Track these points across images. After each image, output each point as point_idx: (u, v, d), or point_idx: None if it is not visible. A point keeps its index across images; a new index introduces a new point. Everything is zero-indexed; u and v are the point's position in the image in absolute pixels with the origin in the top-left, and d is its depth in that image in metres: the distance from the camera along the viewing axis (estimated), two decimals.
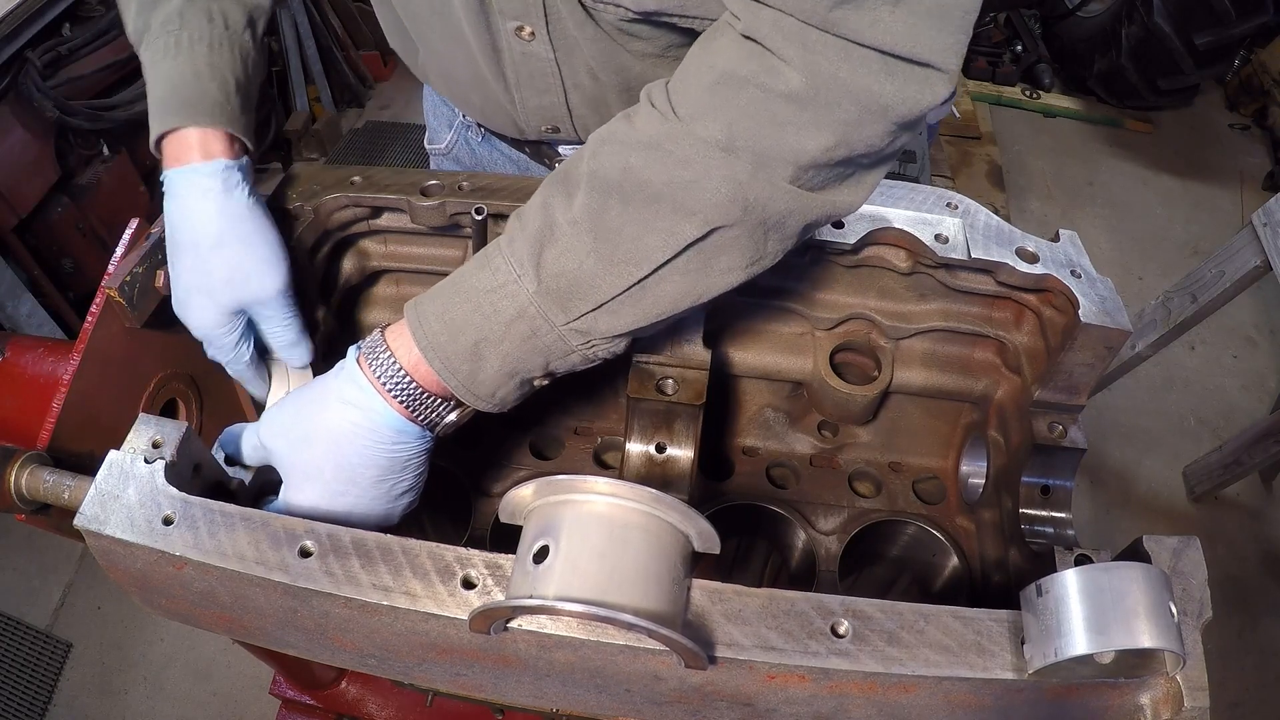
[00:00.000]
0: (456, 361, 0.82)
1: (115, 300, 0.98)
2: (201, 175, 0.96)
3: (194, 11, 1.00)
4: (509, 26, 1.04)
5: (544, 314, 0.80)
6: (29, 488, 0.87)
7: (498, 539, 1.17)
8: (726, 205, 0.75)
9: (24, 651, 2.68)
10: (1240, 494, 3.23)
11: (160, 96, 0.99)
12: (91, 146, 2.88)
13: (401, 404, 0.85)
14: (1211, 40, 4.22)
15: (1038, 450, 1.02)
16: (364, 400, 0.85)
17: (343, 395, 0.86)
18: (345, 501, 0.88)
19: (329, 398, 0.87)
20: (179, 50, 0.98)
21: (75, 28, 2.70)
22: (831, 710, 0.78)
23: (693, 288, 0.81)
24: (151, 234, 1.02)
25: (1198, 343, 3.69)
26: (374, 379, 0.85)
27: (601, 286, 0.79)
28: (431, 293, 0.85)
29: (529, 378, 0.86)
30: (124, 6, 1.05)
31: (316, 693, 1.72)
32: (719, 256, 0.79)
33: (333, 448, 0.86)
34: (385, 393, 0.85)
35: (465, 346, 0.82)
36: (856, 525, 1.20)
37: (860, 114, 0.73)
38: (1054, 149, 4.76)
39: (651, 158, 0.76)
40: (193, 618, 0.89)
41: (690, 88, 0.77)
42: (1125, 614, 0.66)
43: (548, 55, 1.07)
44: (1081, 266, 1.00)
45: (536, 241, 0.80)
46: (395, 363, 0.84)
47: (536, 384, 0.88)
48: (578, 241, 0.78)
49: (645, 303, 0.80)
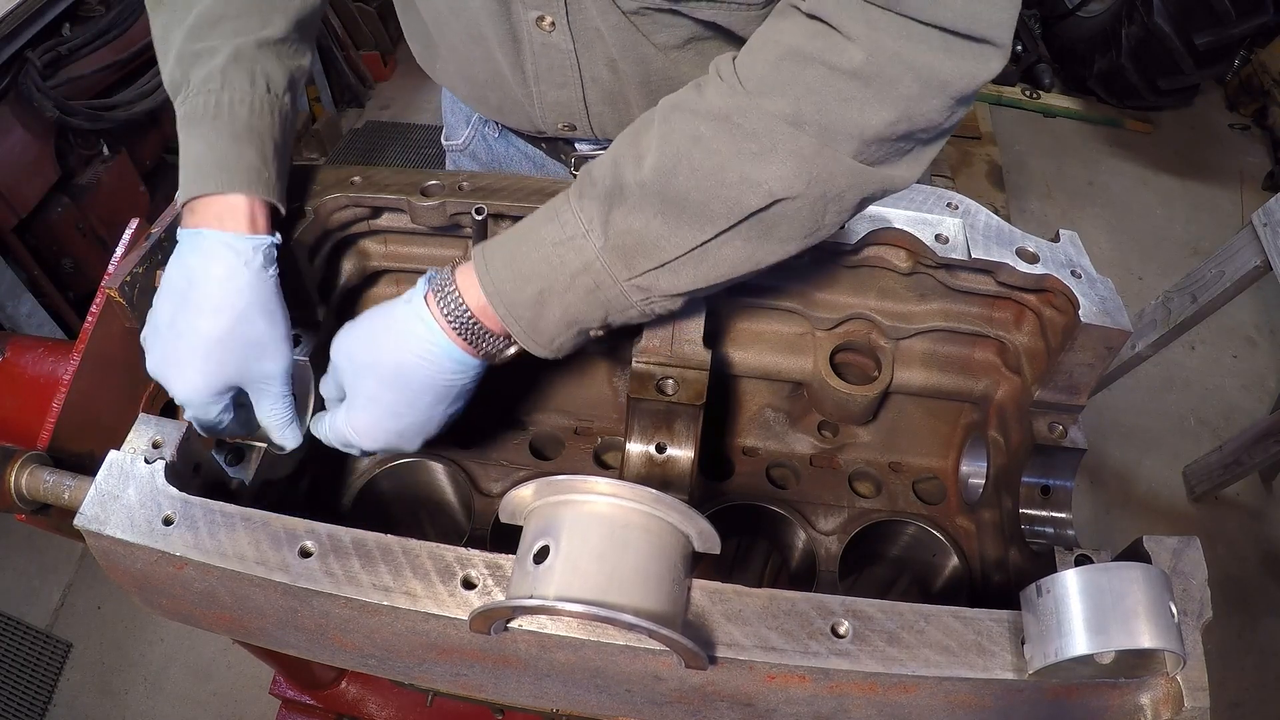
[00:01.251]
0: (520, 308, 0.86)
1: (115, 300, 0.98)
2: (239, 245, 0.94)
3: (237, 72, 0.97)
4: (530, 17, 1.05)
5: (608, 269, 0.84)
6: (29, 488, 0.87)
7: (498, 539, 1.17)
8: (791, 178, 0.78)
9: (24, 651, 2.67)
10: (1240, 494, 3.23)
11: (195, 158, 0.96)
12: (91, 146, 2.88)
13: (464, 340, 0.90)
14: (1211, 40, 4.22)
15: (1038, 450, 1.02)
16: (429, 335, 0.89)
17: (410, 328, 0.90)
18: (401, 421, 0.94)
19: (396, 328, 0.91)
20: (218, 112, 0.96)
21: (75, 28, 2.70)
22: (832, 710, 0.78)
23: (751, 255, 0.84)
24: (152, 234, 1.02)
25: (1198, 343, 3.69)
26: (440, 315, 0.89)
27: (665, 247, 0.82)
28: (499, 240, 0.88)
29: (586, 328, 0.89)
30: (161, 54, 1.02)
31: (316, 693, 1.72)
32: (779, 226, 0.82)
33: (397, 376, 0.91)
34: (450, 329, 0.89)
35: (530, 295, 0.86)
36: (856, 525, 1.20)
37: (921, 90, 0.76)
38: (1054, 149, 4.76)
39: (720, 129, 0.79)
40: (193, 618, 0.89)
41: (758, 63, 0.80)
42: (1125, 614, 0.66)
43: (567, 47, 1.08)
44: (1081, 266, 1.00)
45: (606, 200, 0.83)
46: (462, 302, 0.88)
47: (593, 334, 0.91)
48: (645, 203, 0.81)
49: (705, 266, 0.84)
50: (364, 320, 0.96)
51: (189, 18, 0.99)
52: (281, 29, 1.02)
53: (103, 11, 2.77)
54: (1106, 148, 4.77)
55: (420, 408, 0.94)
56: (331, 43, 4.44)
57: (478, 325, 0.89)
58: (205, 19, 0.99)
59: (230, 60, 0.98)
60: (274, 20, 1.02)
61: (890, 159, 0.81)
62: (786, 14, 0.81)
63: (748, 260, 0.84)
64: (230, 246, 0.94)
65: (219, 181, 0.95)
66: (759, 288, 1.14)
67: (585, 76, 1.12)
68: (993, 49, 0.76)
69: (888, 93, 0.75)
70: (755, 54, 0.81)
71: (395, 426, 0.95)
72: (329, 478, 1.22)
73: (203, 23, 0.99)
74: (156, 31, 1.03)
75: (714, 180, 0.79)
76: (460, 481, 1.24)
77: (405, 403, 0.93)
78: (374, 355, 0.93)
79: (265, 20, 1.02)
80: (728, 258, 0.83)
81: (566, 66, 1.11)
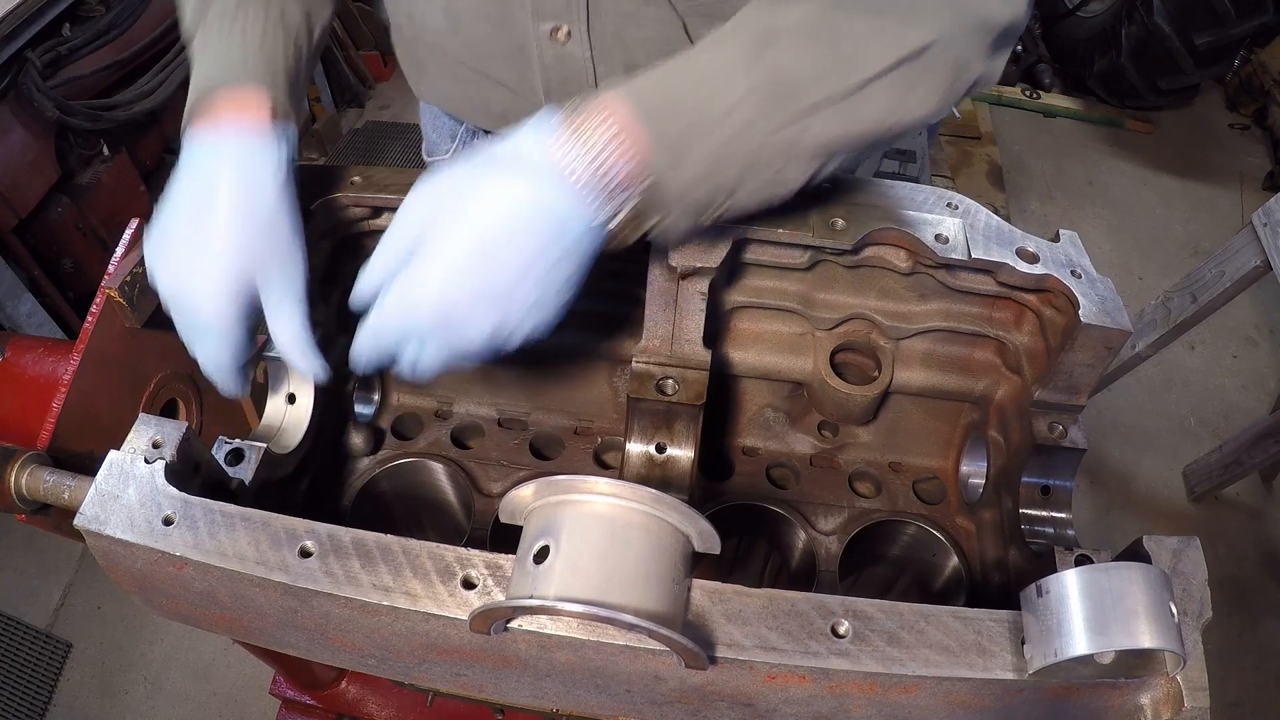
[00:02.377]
0: (669, 139, 0.77)
1: (115, 300, 0.98)
2: (249, 132, 0.86)
3: (252, 2, 0.96)
4: (542, 29, 1.03)
5: (760, 109, 0.78)
6: (29, 488, 0.87)
7: (498, 539, 1.17)
8: (946, 24, 0.82)
9: (24, 651, 2.67)
10: (1240, 494, 3.23)
11: (203, 71, 0.91)
12: (91, 146, 2.87)
13: (577, 182, 0.76)
14: (1211, 40, 4.22)
15: (1038, 450, 1.02)
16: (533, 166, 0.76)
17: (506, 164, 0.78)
18: (473, 282, 0.77)
19: (492, 163, 0.79)
20: (230, 34, 0.93)
21: (75, 28, 2.70)
22: (832, 710, 0.78)
23: (891, 111, 0.84)
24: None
25: (1198, 343, 3.69)
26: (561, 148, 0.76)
27: (819, 86, 0.79)
28: (643, 76, 0.80)
29: (713, 197, 0.82)
30: (181, 3, 1.00)
31: (316, 693, 1.72)
32: (921, 81, 0.84)
33: (478, 216, 0.76)
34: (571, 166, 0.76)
35: (681, 126, 0.77)
36: (857, 525, 1.20)
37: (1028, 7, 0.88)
38: (1054, 149, 4.76)
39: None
40: (193, 618, 0.89)
41: None
42: (1125, 614, 0.66)
43: (584, 55, 1.06)
44: (1081, 266, 1.00)
45: (755, 45, 0.80)
46: (595, 132, 0.76)
47: (710, 215, 0.84)
48: (799, 44, 0.79)
49: (849, 117, 0.82)
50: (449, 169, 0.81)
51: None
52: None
53: (103, 11, 2.77)
54: (1106, 148, 4.77)
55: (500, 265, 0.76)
56: (331, 42, 4.44)
57: (599, 165, 0.75)
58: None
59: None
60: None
61: (996, 53, 0.88)
62: None
63: (886, 117, 0.84)
64: (236, 137, 0.86)
65: (225, 78, 0.89)
66: (760, 288, 1.14)
67: (601, 84, 1.11)
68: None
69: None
70: None
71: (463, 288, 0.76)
72: (329, 478, 1.22)
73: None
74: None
75: (877, 18, 0.80)
76: (460, 481, 1.24)
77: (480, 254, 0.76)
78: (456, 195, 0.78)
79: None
80: (870, 112, 0.82)
81: (582, 75, 1.09)
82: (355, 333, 0.83)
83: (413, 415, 1.30)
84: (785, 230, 1.02)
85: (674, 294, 1.05)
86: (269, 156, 0.87)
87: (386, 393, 1.30)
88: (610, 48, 1.06)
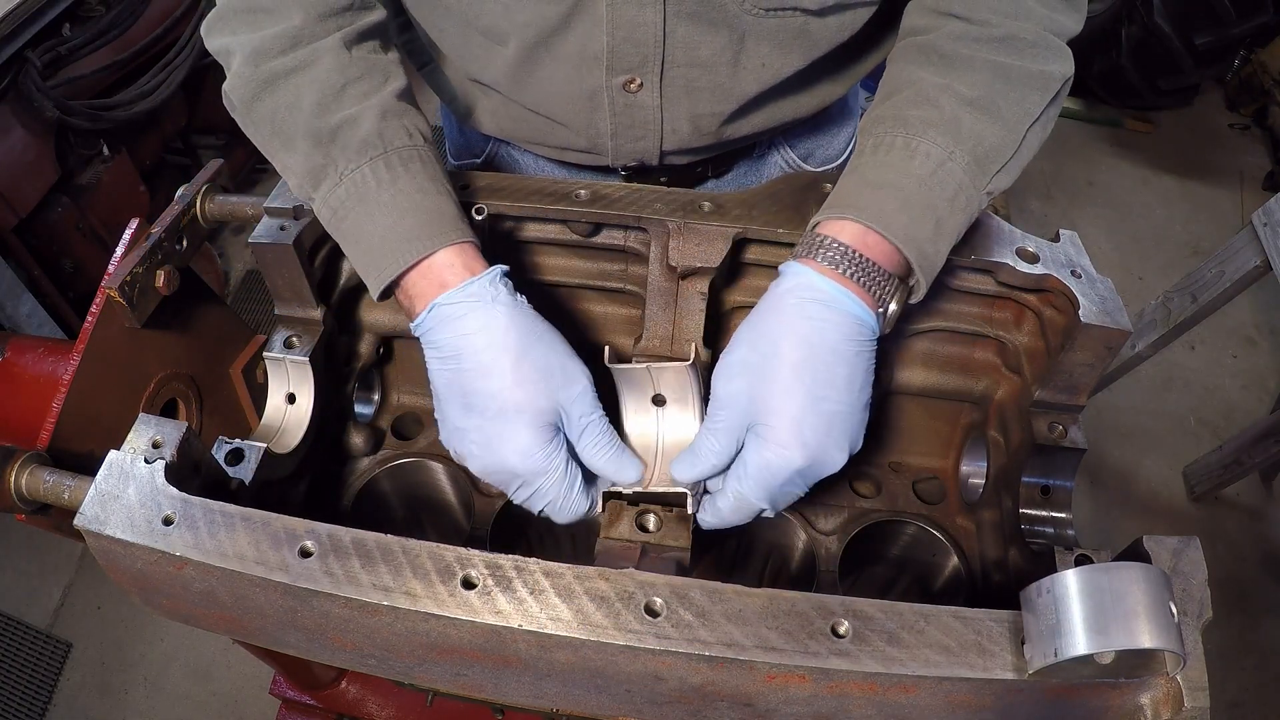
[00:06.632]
0: (924, 244, 0.89)
1: (115, 300, 0.98)
2: (482, 289, 0.88)
3: (393, 131, 0.92)
4: (616, 81, 1.06)
5: (974, 182, 0.92)
6: (29, 488, 0.87)
7: (497, 539, 1.17)
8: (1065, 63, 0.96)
9: (24, 651, 2.68)
10: (1240, 494, 3.23)
11: (388, 228, 0.88)
12: (91, 146, 2.88)
13: (859, 284, 0.87)
14: (1211, 40, 4.22)
15: (1038, 450, 1.02)
16: (823, 290, 0.87)
17: (798, 294, 0.88)
18: (826, 408, 0.86)
19: (783, 306, 0.88)
20: (392, 172, 0.90)
21: (75, 28, 2.70)
22: (832, 710, 0.78)
23: (1040, 139, 0.97)
24: (152, 234, 1.02)
25: (1198, 343, 3.69)
26: (828, 268, 0.87)
27: (1005, 147, 0.93)
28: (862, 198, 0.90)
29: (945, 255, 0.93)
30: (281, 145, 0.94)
31: (316, 693, 1.72)
32: (1053, 111, 0.97)
33: (806, 351, 0.86)
34: (843, 276, 0.87)
35: (929, 229, 0.89)
36: (856, 525, 1.20)
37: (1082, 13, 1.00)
38: (1054, 149, 4.75)
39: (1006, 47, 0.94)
40: (193, 618, 0.89)
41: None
42: (1125, 614, 0.66)
43: (654, 103, 1.10)
44: (1081, 266, 1.00)
45: (952, 125, 0.91)
46: (855, 253, 0.87)
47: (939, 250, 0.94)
48: (983, 117, 0.92)
49: (1019, 158, 0.95)
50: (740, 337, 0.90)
51: (307, 94, 0.91)
52: (403, 78, 0.99)
53: (103, 11, 2.77)
54: (1106, 148, 4.77)
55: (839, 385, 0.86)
56: None
57: (868, 262, 0.87)
58: (328, 90, 0.91)
59: (380, 120, 0.91)
60: (393, 71, 0.98)
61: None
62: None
63: (1037, 145, 0.97)
64: (473, 298, 0.87)
65: (430, 240, 0.88)
66: (759, 288, 1.13)
67: (666, 129, 1.15)
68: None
69: (1076, 7, 0.99)
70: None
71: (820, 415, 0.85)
72: (329, 478, 1.22)
73: (327, 95, 0.91)
74: (263, 130, 0.94)
75: (1026, 78, 0.94)
76: (460, 481, 1.24)
77: (825, 382, 0.85)
78: (772, 344, 0.87)
79: (386, 73, 0.97)
80: (1030, 147, 0.96)
81: (649, 121, 1.13)
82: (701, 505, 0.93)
83: (413, 415, 1.30)
84: (785, 230, 1.02)
85: (674, 294, 1.06)
86: (519, 295, 0.90)
87: (386, 393, 1.30)
88: (679, 95, 1.10)
